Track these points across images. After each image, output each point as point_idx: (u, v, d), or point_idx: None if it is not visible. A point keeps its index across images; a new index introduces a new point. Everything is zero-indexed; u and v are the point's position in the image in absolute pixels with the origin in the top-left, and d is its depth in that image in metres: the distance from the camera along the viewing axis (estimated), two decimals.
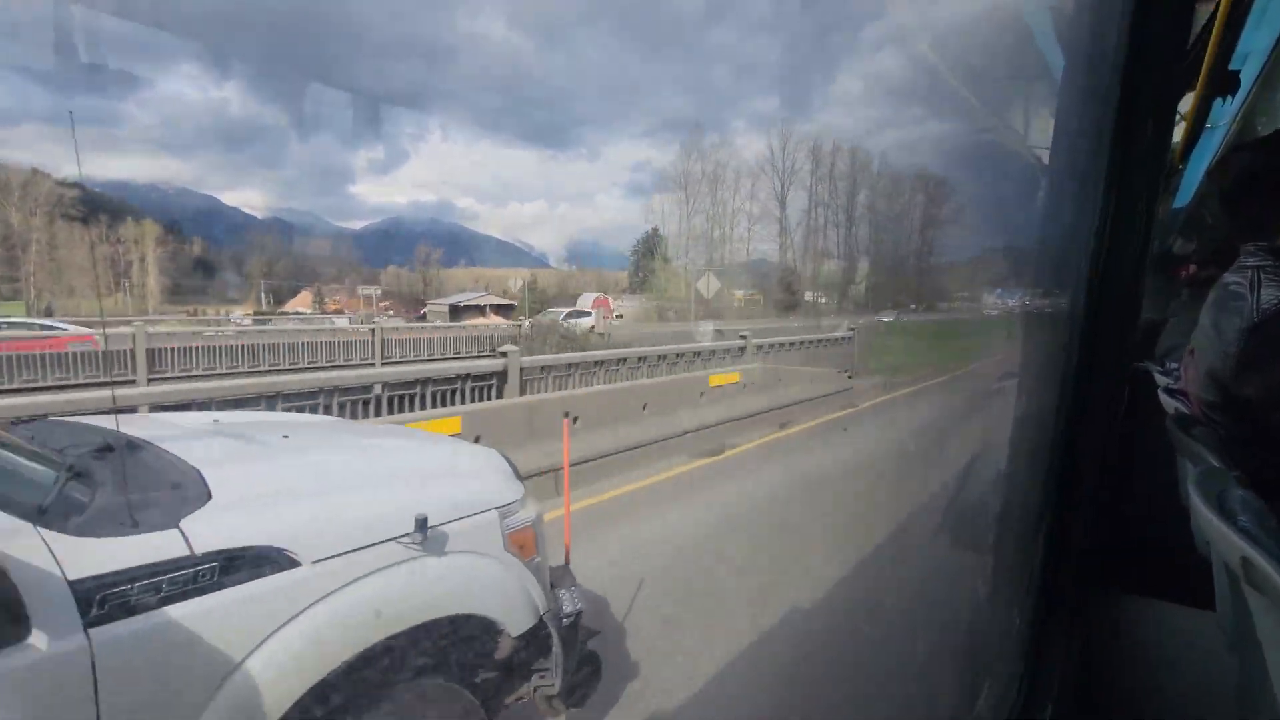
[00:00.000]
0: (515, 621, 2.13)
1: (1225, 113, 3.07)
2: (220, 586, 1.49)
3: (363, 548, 1.78)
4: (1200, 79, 2.18)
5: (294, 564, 1.63)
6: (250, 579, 1.54)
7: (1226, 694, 1.42)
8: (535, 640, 2.26)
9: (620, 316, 47.08)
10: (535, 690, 2.33)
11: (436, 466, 2.48)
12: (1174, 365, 3.07)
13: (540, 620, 2.22)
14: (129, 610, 1.35)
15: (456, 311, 50.43)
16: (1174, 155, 3.07)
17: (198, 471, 1.75)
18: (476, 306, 50.52)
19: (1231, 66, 2.35)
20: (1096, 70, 1.58)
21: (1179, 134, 2.83)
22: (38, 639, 1.24)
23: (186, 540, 1.47)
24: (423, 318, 47.31)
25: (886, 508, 6.07)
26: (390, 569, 1.82)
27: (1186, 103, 2.60)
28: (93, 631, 1.30)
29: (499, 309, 51.93)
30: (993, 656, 1.95)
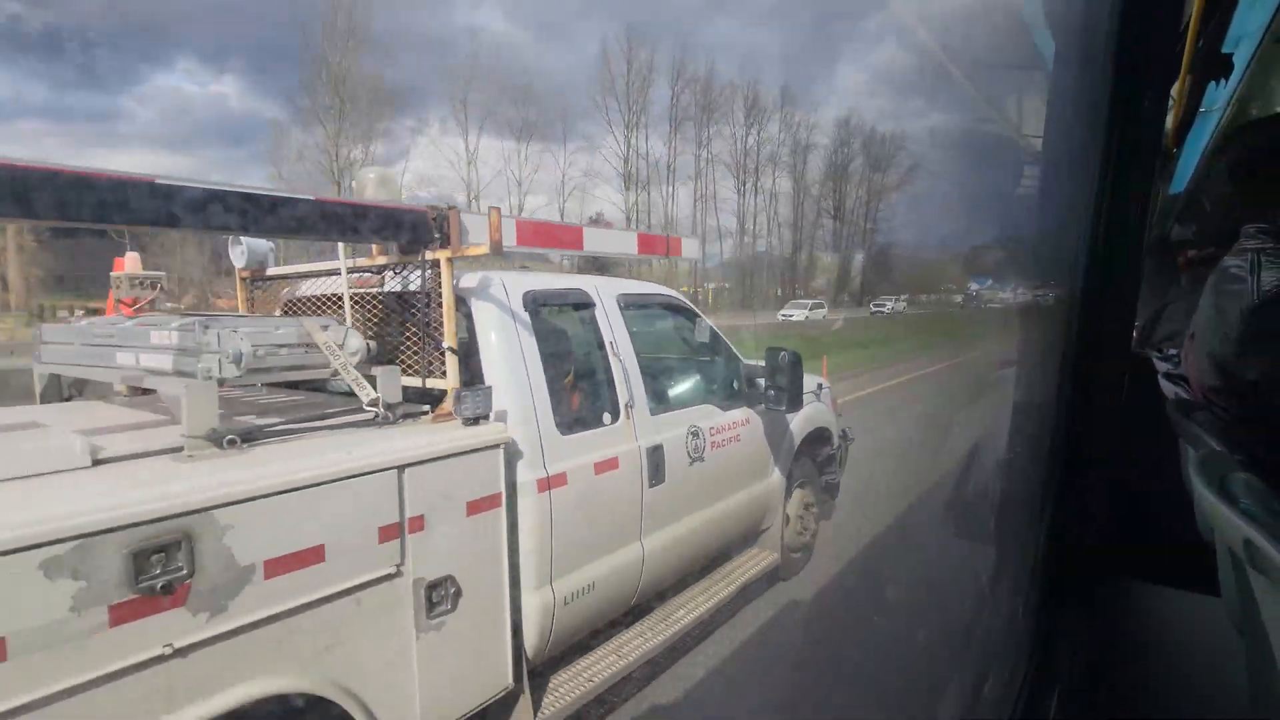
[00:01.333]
0: (834, 436, 4.77)
1: (1219, 96, 3.07)
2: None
3: (808, 393, 4.17)
4: (1193, 62, 2.17)
5: None
6: None
7: (1233, 678, 1.42)
8: (834, 453, 4.76)
9: None
10: (823, 478, 4.70)
11: None
12: (1173, 351, 3.07)
13: (840, 440, 4.86)
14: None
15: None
16: (1168, 140, 3.07)
17: None
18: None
19: (1224, 49, 2.35)
20: (1088, 55, 1.57)
21: (1172, 119, 2.83)
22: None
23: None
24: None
25: (888, 497, 6.08)
26: (813, 404, 4.42)
27: (1178, 87, 2.59)
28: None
29: None
30: (998, 643, 1.95)
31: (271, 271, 3.39)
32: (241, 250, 3.27)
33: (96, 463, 1.80)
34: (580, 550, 2.77)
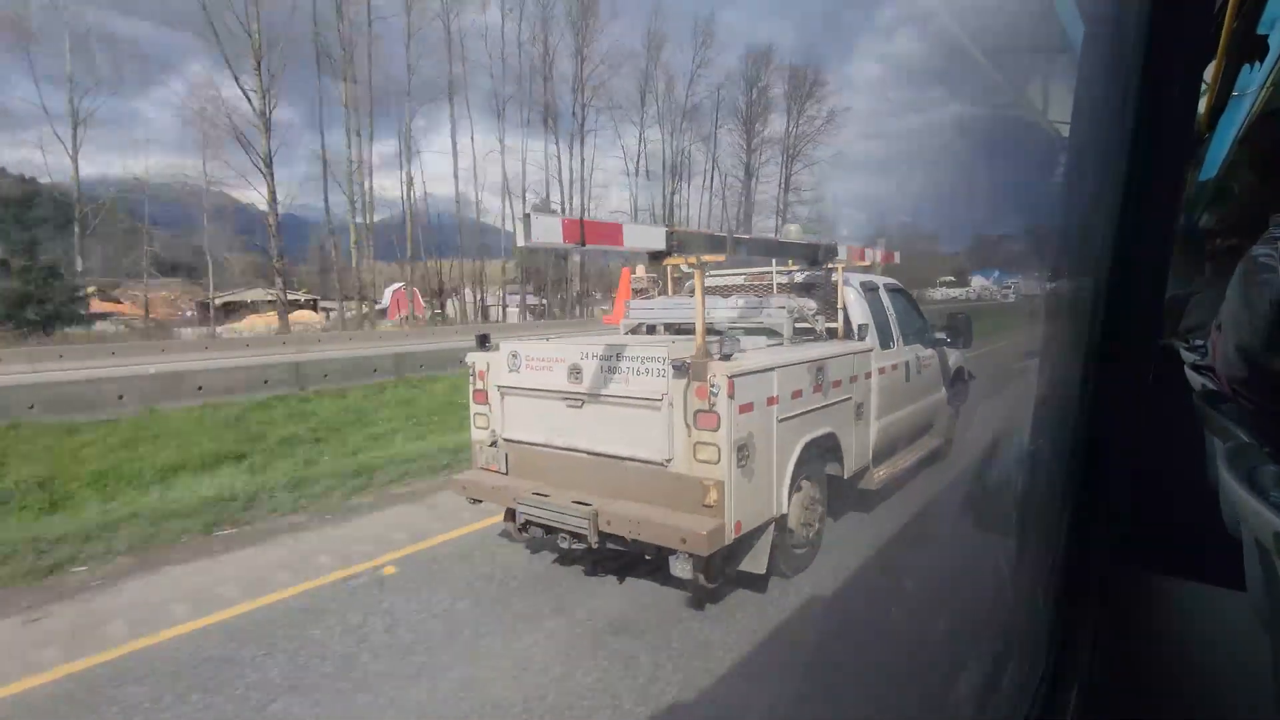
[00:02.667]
0: (965, 366, 7.37)
1: (1253, 80, 2.98)
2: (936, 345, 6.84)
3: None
4: (1227, 44, 2.11)
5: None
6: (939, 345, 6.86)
7: (1257, 674, 1.40)
8: (962, 387, 7.28)
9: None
10: (953, 400, 7.07)
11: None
12: (1200, 341, 3.00)
13: (965, 376, 7.36)
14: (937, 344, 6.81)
15: (221, 310, 38.80)
16: (1200, 124, 2.98)
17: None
18: (245, 303, 41.52)
19: (1260, 31, 2.28)
20: (1119, 37, 1.53)
21: (1204, 102, 2.75)
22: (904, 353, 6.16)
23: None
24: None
25: (910, 489, 6.04)
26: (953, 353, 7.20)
27: (1212, 70, 2.52)
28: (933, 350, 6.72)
29: (299, 306, 40.88)
30: (1018, 636, 1.94)
31: (713, 273, 6.21)
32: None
33: (766, 348, 4.82)
34: (886, 407, 5.64)
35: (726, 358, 3.88)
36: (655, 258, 4.12)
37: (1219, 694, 1.71)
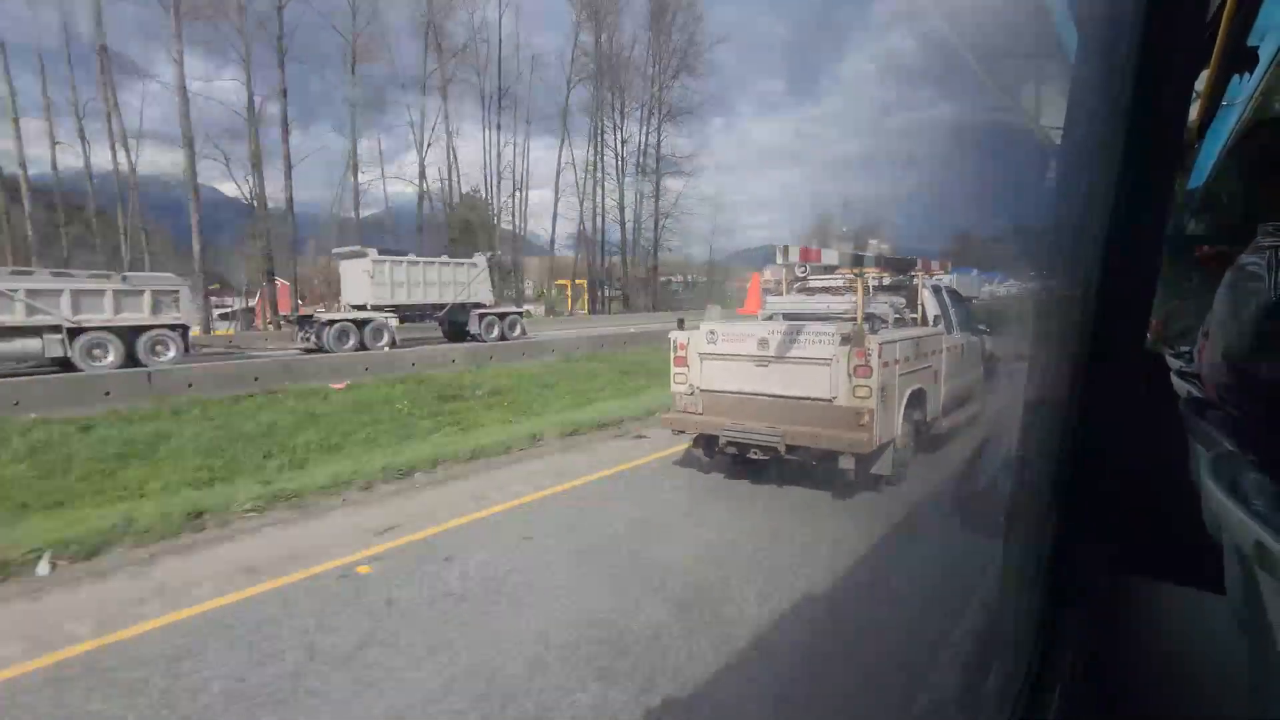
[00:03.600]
0: (994, 351, 9.81)
1: (1242, 90, 3.00)
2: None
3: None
4: (1220, 54, 2.13)
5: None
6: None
7: (1236, 677, 1.41)
8: (992, 364, 9.57)
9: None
10: (986, 377, 9.62)
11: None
12: (1186, 349, 3.03)
13: (994, 359, 9.72)
14: (975, 330, 9.65)
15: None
16: (1189, 133, 3.00)
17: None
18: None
19: (1250, 42, 2.30)
20: (1112, 46, 1.54)
21: (1194, 111, 2.77)
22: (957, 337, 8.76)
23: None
24: None
25: (897, 492, 6.08)
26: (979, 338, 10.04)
27: (1202, 79, 2.54)
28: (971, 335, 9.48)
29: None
30: (1002, 638, 1.95)
31: (812, 278, 8.74)
32: (802, 267, 7.27)
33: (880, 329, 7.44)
34: (950, 376, 7.84)
35: (875, 333, 6.37)
36: (829, 270, 7.23)
37: (1198, 696, 1.73)
